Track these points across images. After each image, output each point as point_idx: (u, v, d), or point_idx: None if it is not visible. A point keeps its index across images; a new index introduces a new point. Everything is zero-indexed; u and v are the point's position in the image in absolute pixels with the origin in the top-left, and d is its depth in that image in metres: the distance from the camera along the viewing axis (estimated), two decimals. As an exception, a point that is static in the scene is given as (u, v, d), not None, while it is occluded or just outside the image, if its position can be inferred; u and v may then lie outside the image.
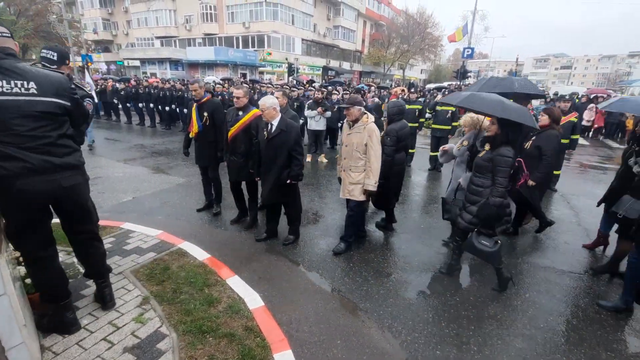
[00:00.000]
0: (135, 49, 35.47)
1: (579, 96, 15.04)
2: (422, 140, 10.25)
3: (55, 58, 2.79)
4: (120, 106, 13.45)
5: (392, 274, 3.50)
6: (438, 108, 7.37)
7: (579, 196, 6.18)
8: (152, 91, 12.19)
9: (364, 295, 3.11)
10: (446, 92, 8.47)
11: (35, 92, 1.97)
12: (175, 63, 32.02)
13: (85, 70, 14.66)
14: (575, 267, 3.76)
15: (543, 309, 3.03)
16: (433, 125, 7.60)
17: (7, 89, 1.89)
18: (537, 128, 3.60)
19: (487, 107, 2.95)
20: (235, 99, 4.00)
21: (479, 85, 4.77)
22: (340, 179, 3.92)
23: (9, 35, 2.02)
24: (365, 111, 3.50)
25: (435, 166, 7.66)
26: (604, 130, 13.93)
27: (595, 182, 7.37)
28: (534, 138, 4.10)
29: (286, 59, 31.81)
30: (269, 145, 3.57)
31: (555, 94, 15.22)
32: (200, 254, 3.59)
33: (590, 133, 14.02)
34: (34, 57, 33.77)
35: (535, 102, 9.04)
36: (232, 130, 4.00)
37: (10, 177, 1.91)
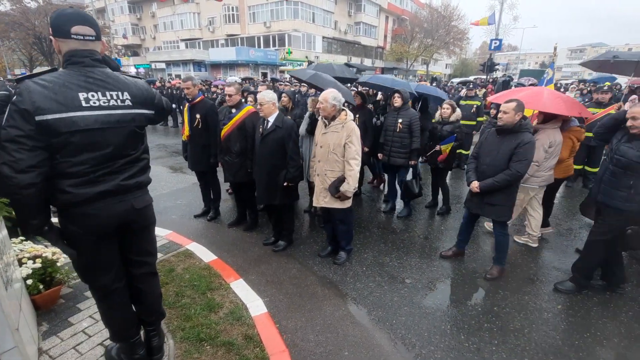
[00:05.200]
0: (161, 52, 36.61)
1: (621, 87, 13.88)
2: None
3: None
4: (145, 107, 13.82)
5: (407, 279, 3.26)
6: (462, 102, 7.00)
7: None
8: (174, 92, 12.43)
9: (377, 302, 2.91)
10: (471, 87, 7.98)
11: (130, 103, 1.69)
12: (198, 64, 32.74)
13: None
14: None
15: (577, 324, 2.70)
16: (456, 121, 7.21)
17: (104, 102, 1.60)
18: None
19: (321, 83, 4.42)
20: (227, 97, 3.79)
21: (321, 69, 6.41)
22: (309, 187, 3.63)
23: (93, 37, 1.62)
24: (343, 107, 3.13)
25: (459, 164, 7.27)
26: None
27: None
28: (357, 116, 4.85)
29: (306, 57, 31.74)
30: (264, 142, 3.39)
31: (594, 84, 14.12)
32: (206, 256, 3.51)
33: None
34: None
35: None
36: (226, 129, 3.80)
37: (80, 204, 1.62)
